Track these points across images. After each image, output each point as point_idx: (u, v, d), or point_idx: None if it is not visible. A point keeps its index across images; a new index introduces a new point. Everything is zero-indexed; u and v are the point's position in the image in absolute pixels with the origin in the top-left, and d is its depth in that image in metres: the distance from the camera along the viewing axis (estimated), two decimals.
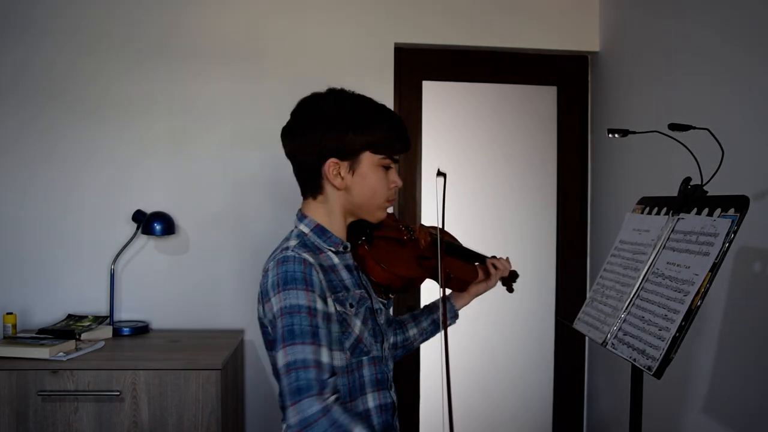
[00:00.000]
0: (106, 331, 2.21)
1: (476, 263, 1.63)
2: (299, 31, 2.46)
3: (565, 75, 2.69)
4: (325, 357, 1.12)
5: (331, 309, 1.20)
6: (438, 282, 1.42)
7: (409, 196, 2.60)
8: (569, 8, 2.58)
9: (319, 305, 1.16)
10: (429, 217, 2.59)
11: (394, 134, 1.29)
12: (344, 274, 1.28)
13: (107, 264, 2.37)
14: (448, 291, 1.54)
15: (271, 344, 1.24)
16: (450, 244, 1.58)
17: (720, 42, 1.78)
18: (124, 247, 2.34)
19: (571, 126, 2.69)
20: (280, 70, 2.45)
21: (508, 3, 2.56)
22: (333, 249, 1.29)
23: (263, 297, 1.20)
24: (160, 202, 2.39)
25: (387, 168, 1.30)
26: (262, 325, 1.26)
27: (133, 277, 2.40)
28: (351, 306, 1.24)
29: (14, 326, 2.15)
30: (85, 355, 1.96)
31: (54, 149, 2.37)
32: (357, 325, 1.24)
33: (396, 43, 2.53)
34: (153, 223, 2.29)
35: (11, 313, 2.17)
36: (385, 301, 1.42)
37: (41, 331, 2.13)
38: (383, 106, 1.32)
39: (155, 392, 1.88)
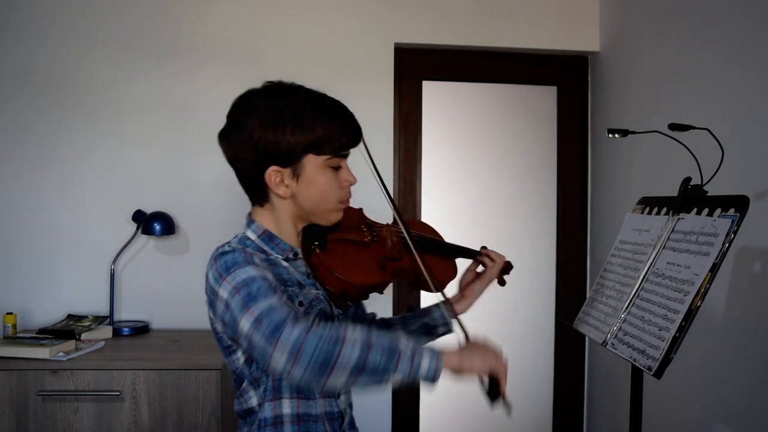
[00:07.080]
0: (106, 331, 2.21)
1: (461, 258, 1.48)
2: (299, 31, 2.46)
3: (565, 75, 2.69)
4: (290, 305, 1.02)
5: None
6: (407, 284, 1.31)
7: (408, 195, 2.60)
8: (569, 8, 2.58)
9: (269, 275, 1.05)
10: (429, 215, 2.59)
11: (337, 130, 1.13)
12: (297, 275, 1.18)
13: (107, 264, 2.37)
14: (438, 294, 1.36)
15: (227, 349, 1.17)
16: (424, 239, 1.41)
17: (720, 42, 1.78)
18: (124, 247, 2.34)
19: (571, 126, 2.69)
20: (279, 70, 2.40)
21: (508, 3, 2.56)
22: (282, 256, 1.18)
23: (212, 295, 1.09)
24: (160, 202, 2.39)
25: (336, 167, 1.16)
26: (215, 331, 1.18)
27: (133, 277, 2.40)
28: (301, 305, 1.13)
29: (14, 326, 2.15)
30: (85, 355, 1.95)
31: (54, 149, 2.37)
32: None
33: (396, 43, 2.53)
34: (153, 223, 2.29)
35: (11, 313, 2.17)
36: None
37: (41, 331, 2.13)
38: (323, 97, 1.16)
39: (155, 392, 1.88)
